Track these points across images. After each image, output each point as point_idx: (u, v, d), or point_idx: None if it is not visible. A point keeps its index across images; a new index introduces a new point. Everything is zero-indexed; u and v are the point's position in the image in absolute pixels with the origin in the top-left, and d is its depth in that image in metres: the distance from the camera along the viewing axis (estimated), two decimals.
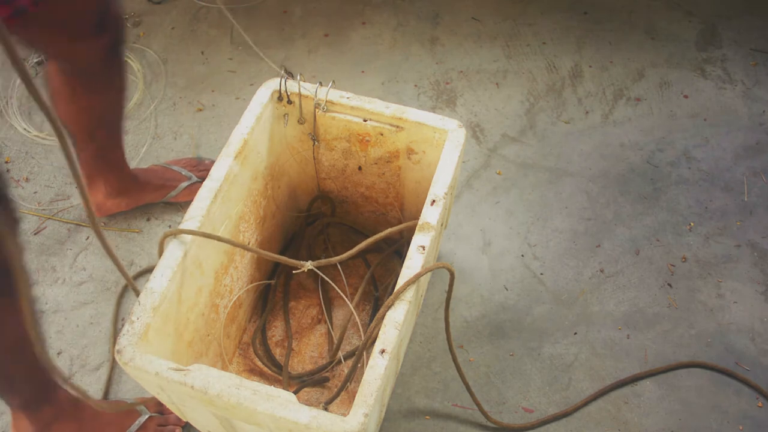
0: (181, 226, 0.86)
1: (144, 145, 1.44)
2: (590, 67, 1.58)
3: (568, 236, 1.30)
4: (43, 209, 1.34)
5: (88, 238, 1.30)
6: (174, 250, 0.85)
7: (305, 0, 1.71)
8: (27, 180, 1.39)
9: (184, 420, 0.97)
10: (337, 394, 1.02)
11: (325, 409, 0.74)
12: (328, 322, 1.18)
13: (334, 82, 1.01)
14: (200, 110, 1.50)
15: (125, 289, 1.23)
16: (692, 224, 1.32)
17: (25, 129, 1.46)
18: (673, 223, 1.32)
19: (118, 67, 1.06)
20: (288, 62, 1.59)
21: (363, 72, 1.57)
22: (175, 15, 1.69)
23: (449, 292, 0.90)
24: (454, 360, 1.00)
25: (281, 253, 1.24)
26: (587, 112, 1.50)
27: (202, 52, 1.61)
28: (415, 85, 1.54)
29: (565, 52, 1.60)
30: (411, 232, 0.88)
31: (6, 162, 1.41)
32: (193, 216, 0.87)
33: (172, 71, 1.57)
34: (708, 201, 1.35)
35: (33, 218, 1.33)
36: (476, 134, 1.46)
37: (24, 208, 1.35)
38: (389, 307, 0.81)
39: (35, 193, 1.37)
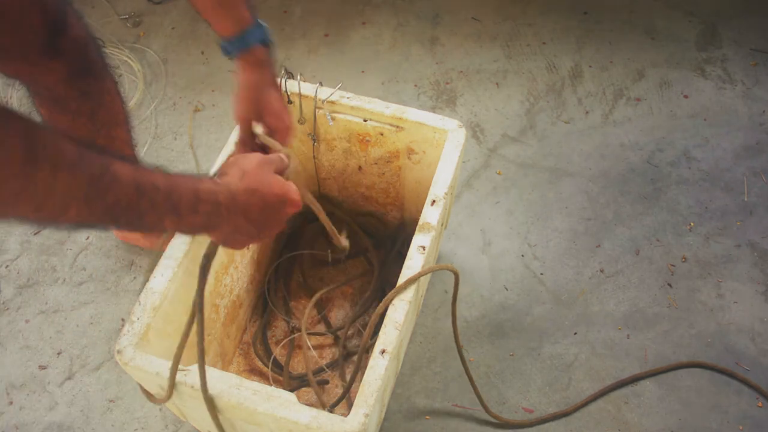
0: None
1: (144, 145, 1.43)
2: (590, 67, 1.58)
3: (568, 236, 1.30)
4: None
5: (88, 238, 1.30)
6: (174, 249, 0.85)
7: (305, 0, 1.71)
8: None
9: (185, 419, 0.97)
10: (343, 397, 1.03)
11: (330, 411, 0.74)
12: (327, 322, 1.18)
13: (347, 87, 1.00)
14: (200, 110, 1.50)
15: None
16: (692, 224, 1.31)
17: None
18: (673, 223, 1.32)
19: (96, 95, 0.98)
20: (288, 62, 1.59)
21: (363, 72, 1.57)
22: (175, 15, 1.68)
23: (455, 293, 0.91)
24: (461, 357, 1.00)
25: (280, 252, 1.24)
26: (587, 112, 1.50)
27: (202, 52, 1.61)
28: (415, 85, 1.54)
29: (565, 52, 1.60)
30: (412, 228, 0.88)
31: None
32: None
33: (172, 71, 1.57)
34: (708, 201, 1.35)
35: None
36: (476, 134, 1.46)
37: None
38: (389, 307, 0.81)
39: None
